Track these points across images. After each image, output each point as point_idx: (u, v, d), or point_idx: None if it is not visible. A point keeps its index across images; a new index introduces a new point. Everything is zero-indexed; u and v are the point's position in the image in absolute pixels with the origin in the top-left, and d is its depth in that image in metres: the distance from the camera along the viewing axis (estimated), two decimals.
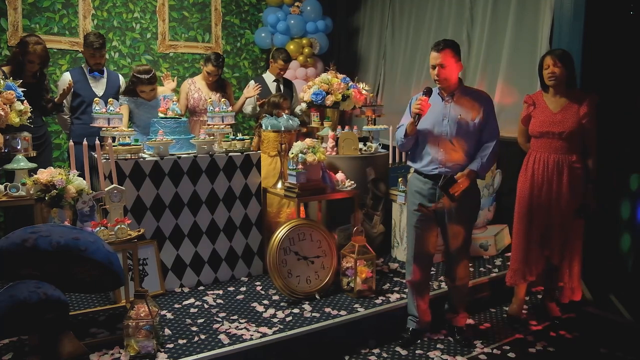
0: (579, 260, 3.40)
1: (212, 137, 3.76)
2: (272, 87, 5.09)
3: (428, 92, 2.99)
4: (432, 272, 3.64)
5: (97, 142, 3.14)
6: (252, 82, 5.08)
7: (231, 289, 3.66)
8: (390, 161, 4.55)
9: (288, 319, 3.16)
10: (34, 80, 3.85)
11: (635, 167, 3.69)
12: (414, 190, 3.15)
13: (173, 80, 4.84)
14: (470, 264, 3.38)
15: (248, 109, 5.02)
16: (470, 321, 3.53)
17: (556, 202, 3.29)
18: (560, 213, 3.29)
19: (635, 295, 3.59)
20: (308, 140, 3.61)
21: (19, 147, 3.23)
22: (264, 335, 2.94)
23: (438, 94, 3.07)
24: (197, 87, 4.71)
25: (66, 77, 4.21)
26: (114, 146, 3.31)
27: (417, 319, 3.28)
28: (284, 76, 5.23)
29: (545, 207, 3.31)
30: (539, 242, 3.37)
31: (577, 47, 3.78)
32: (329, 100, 4.41)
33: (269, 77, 5.15)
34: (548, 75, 3.26)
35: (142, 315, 2.68)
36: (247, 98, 4.91)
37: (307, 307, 3.32)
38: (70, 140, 3.39)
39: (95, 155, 3.22)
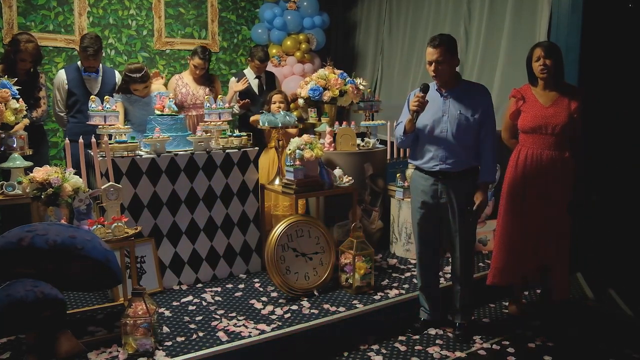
0: (569, 258, 3.36)
1: (209, 134, 3.75)
2: (254, 84, 4.97)
3: (425, 89, 2.94)
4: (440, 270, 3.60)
5: (94, 139, 3.13)
6: (233, 79, 4.99)
7: (229, 286, 3.65)
8: (389, 157, 4.53)
9: (286, 315, 3.15)
10: (27, 78, 3.82)
11: (634, 161, 3.69)
12: (416, 188, 3.14)
13: (162, 77, 4.74)
14: (474, 263, 3.34)
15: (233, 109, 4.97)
16: None
17: (550, 199, 3.22)
18: (556, 211, 3.24)
19: (635, 290, 3.59)
20: (305, 137, 3.60)
21: (14, 146, 3.21)
22: (263, 332, 2.93)
23: (436, 90, 3.04)
24: (185, 83, 4.66)
25: (61, 76, 4.17)
26: (110, 144, 3.29)
27: (428, 310, 3.31)
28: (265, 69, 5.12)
29: (539, 204, 3.24)
30: (532, 242, 3.30)
31: (576, 40, 3.77)
32: (326, 96, 4.39)
33: (249, 74, 5.02)
34: (540, 68, 3.18)
35: (140, 313, 2.67)
36: (235, 92, 4.80)
37: (305, 303, 3.32)
38: (66, 139, 3.37)
39: (92, 153, 3.21)
